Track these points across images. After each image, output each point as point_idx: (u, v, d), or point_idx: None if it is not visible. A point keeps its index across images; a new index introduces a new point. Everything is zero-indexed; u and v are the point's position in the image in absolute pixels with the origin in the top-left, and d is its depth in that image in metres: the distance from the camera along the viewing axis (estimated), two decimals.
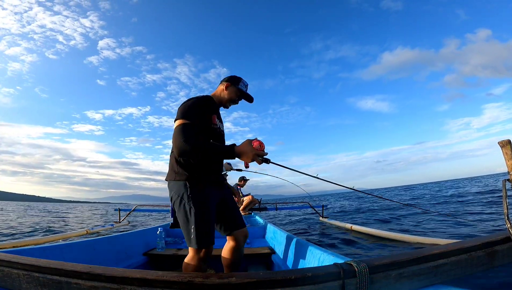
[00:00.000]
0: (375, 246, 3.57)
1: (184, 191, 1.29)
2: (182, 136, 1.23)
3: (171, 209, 1.47)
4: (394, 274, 0.67)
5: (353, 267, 0.65)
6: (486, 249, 0.78)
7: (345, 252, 3.43)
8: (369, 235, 4.36)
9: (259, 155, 1.26)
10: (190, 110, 1.32)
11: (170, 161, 1.41)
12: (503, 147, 0.85)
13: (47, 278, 0.65)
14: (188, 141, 1.21)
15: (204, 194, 1.31)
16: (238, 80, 1.55)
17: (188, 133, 1.25)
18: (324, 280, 0.63)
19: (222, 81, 1.56)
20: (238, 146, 1.27)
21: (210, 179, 1.39)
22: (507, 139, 0.83)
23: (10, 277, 0.68)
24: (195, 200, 1.27)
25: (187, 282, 0.60)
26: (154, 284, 0.60)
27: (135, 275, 0.62)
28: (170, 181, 1.37)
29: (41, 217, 11.07)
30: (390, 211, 7.91)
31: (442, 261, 0.72)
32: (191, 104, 1.35)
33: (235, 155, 1.26)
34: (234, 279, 0.61)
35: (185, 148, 1.21)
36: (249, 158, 1.25)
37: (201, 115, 1.36)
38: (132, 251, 2.23)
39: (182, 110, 1.32)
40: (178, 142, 1.22)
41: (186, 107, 1.34)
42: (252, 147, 1.26)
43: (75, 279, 0.63)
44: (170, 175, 1.37)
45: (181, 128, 1.26)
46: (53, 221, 8.89)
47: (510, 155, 0.82)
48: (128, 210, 6.79)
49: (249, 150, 1.24)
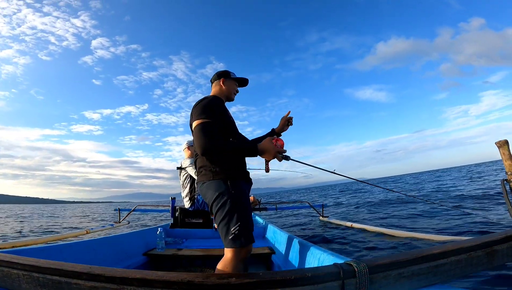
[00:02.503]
0: (376, 244, 3.57)
1: (225, 189, 1.28)
2: (205, 135, 1.23)
3: (171, 209, 1.48)
4: (393, 274, 0.67)
5: (353, 267, 0.65)
6: (486, 249, 0.79)
7: (345, 252, 3.43)
8: (369, 233, 4.37)
9: (279, 153, 1.29)
10: (208, 108, 1.32)
11: (200, 162, 1.38)
12: (500, 148, 0.85)
13: (47, 278, 0.65)
14: (212, 139, 1.22)
15: (243, 191, 1.34)
16: (227, 72, 1.60)
17: (210, 131, 1.25)
18: (323, 280, 0.63)
19: (212, 81, 1.60)
20: (260, 144, 1.28)
21: (245, 175, 1.42)
22: (504, 140, 0.84)
23: (10, 277, 0.68)
24: (238, 198, 1.28)
25: (187, 282, 0.60)
26: (154, 284, 0.60)
27: (135, 275, 0.62)
28: (206, 181, 1.33)
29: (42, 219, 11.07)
30: (395, 205, 7.91)
31: (441, 261, 0.72)
32: (207, 103, 1.36)
33: (258, 153, 1.28)
34: (234, 279, 0.61)
35: (209, 147, 1.21)
36: (271, 155, 1.28)
37: (219, 112, 1.37)
38: (132, 251, 2.22)
39: (200, 109, 1.32)
40: (201, 141, 1.22)
41: (203, 106, 1.33)
42: (273, 145, 1.28)
43: (75, 279, 0.63)
44: (206, 175, 1.34)
45: (202, 126, 1.26)
46: (53, 222, 8.89)
47: (508, 155, 0.82)
48: (128, 210, 6.79)
49: (271, 148, 1.26)
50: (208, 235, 3.06)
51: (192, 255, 2.22)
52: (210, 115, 1.30)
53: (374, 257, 0.73)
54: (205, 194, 1.34)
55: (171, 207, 3.66)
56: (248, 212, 1.30)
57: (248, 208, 1.30)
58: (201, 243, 2.75)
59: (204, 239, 3.00)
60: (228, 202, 1.25)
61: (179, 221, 3.30)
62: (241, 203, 1.28)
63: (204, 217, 3.36)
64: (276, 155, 1.28)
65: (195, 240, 2.97)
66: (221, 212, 1.25)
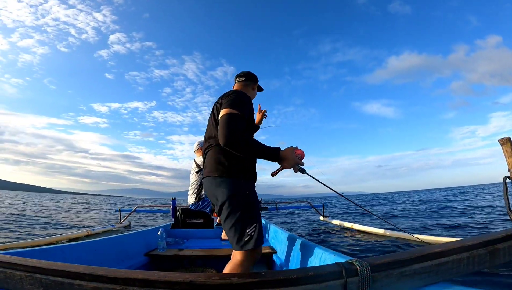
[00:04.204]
0: (377, 245, 3.57)
1: (241, 190, 1.24)
2: (232, 125, 1.15)
3: (172, 210, 1.48)
4: (396, 272, 0.67)
5: (355, 266, 0.65)
6: (488, 247, 0.78)
7: (347, 251, 3.43)
8: (370, 234, 4.36)
9: (298, 164, 1.25)
10: (241, 101, 1.27)
11: (215, 156, 1.29)
12: (503, 145, 0.86)
13: (49, 280, 0.65)
14: (238, 132, 1.15)
15: (255, 193, 1.34)
16: (257, 79, 1.66)
17: (238, 124, 1.18)
18: (326, 279, 0.63)
19: (241, 81, 1.57)
20: (283, 150, 1.24)
21: (255, 176, 1.41)
22: (507, 137, 0.84)
23: (13, 278, 0.68)
24: (253, 198, 1.27)
25: (189, 283, 0.60)
26: (156, 284, 0.60)
27: (137, 276, 0.62)
28: (217, 177, 1.25)
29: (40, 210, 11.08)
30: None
31: (443, 259, 0.72)
32: (242, 95, 1.31)
33: (278, 159, 1.24)
34: (236, 279, 0.61)
35: (234, 139, 1.13)
36: (290, 165, 1.23)
37: (249, 109, 1.33)
38: (133, 252, 2.23)
39: (233, 100, 1.25)
40: (226, 131, 1.14)
41: (237, 97, 1.27)
42: (294, 155, 1.24)
43: (78, 280, 0.63)
44: (219, 170, 1.25)
45: (231, 117, 1.18)
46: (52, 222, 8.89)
47: (510, 152, 0.83)
48: (129, 210, 6.80)
49: (292, 158, 1.22)
50: (209, 235, 3.07)
51: (194, 255, 2.22)
52: (242, 109, 1.23)
53: (376, 256, 0.73)
54: (215, 190, 1.26)
55: (172, 207, 3.67)
56: (260, 214, 1.31)
57: (259, 210, 1.31)
58: (202, 243, 2.76)
59: (205, 239, 3.00)
60: (244, 203, 1.22)
61: (180, 221, 3.30)
62: (256, 204, 1.28)
63: (205, 218, 3.36)
64: (294, 166, 1.25)
65: (196, 240, 2.97)
66: (235, 213, 1.19)
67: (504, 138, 0.84)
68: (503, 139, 0.84)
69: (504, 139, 0.84)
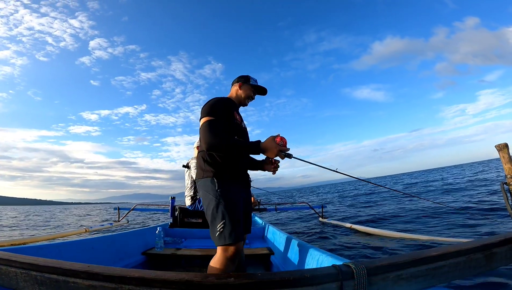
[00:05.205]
0: (375, 246, 3.57)
1: (212, 187, 1.33)
2: (210, 131, 1.30)
3: (170, 209, 1.50)
4: (392, 276, 0.67)
5: (351, 269, 0.65)
6: (485, 251, 0.78)
7: (344, 253, 3.43)
8: (369, 234, 4.36)
9: (282, 151, 1.31)
10: (214, 107, 1.40)
11: (198, 161, 1.47)
12: (500, 151, 0.85)
13: (44, 277, 0.65)
14: (217, 136, 1.29)
15: (232, 191, 1.35)
16: (248, 77, 1.66)
17: (215, 128, 1.32)
18: (322, 281, 0.63)
19: (233, 83, 1.67)
20: (263, 142, 1.31)
21: (238, 176, 1.45)
22: (504, 143, 0.84)
23: (8, 275, 0.68)
24: (223, 196, 1.30)
25: (185, 282, 0.60)
26: (153, 283, 0.60)
27: (133, 274, 0.62)
28: (199, 179, 1.42)
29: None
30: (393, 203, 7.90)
31: (440, 263, 0.72)
32: (214, 102, 1.44)
33: (260, 151, 1.31)
34: (232, 279, 0.61)
35: (215, 142, 1.28)
36: (273, 153, 1.29)
37: (224, 112, 1.43)
38: (130, 250, 2.22)
39: (207, 108, 1.40)
40: (207, 137, 1.29)
41: (210, 105, 1.42)
42: (276, 143, 1.30)
43: (73, 278, 0.63)
44: (199, 174, 1.43)
45: (208, 124, 1.33)
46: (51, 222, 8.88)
47: (507, 158, 0.82)
48: (128, 209, 6.78)
49: (273, 146, 1.28)
50: (207, 235, 3.05)
51: (191, 255, 2.22)
52: (214, 114, 1.37)
53: (373, 258, 0.73)
54: (200, 193, 1.41)
55: (171, 206, 3.66)
56: (235, 211, 1.29)
57: (235, 208, 1.30)
58: (200, 243, 2.75)
59: (203, 239, 3.00)
60: (214, 199, 1.29)
61: (179, 220, 3.30)
62: (227, 201, 1.29)
63: (203, 217, 3.36)
64: (279, 153, 1.30)
65: (194, 240, 2.97)
66: (208, 210, 1.31)
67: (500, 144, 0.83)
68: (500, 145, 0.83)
69: (501, 145, 0.83)
